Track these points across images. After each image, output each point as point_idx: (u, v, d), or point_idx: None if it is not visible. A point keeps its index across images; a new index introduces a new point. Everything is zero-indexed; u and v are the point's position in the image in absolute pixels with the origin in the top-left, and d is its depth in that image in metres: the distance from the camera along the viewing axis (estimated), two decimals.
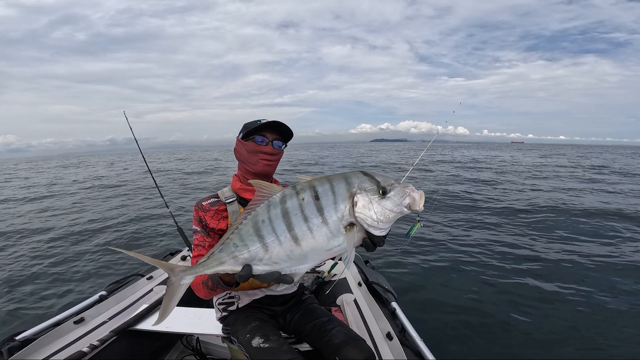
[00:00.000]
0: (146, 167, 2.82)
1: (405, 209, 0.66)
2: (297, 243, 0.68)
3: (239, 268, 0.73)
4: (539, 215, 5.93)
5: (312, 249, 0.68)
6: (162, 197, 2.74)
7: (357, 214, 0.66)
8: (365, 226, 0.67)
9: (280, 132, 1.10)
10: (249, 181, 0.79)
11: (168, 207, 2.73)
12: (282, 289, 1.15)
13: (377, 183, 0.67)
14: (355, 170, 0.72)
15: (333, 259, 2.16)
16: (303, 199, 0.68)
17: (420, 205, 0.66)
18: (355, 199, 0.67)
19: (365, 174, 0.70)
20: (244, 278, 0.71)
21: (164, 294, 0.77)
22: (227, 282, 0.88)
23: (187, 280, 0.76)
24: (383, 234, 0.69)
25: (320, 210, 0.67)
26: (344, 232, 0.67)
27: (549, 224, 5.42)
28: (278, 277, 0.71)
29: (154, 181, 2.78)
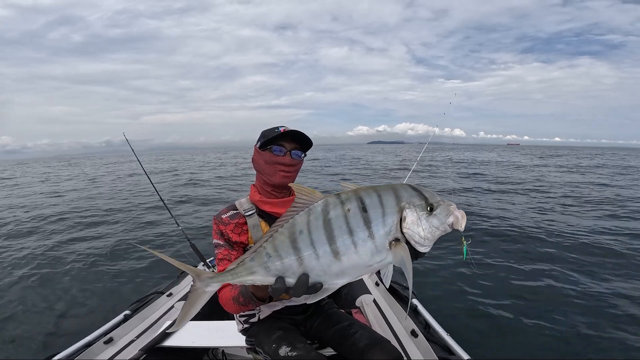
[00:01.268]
0: (148, 178, 2.81)
1: (448, 228, 0.64)
2: (337, 258, 0.64)
3: (269, 279, 0.70)
4: (556, 215, 5.87)
5: (354, 264, 0.65)
6: (171, 214, 2.73)
7: (405, 230, 0.64)
8: (413, 243, 0.64)
9: (299, 140, 1.05)
10: (290, 185, 0.75)
11: (179, 225, 2.72)
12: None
13: (425, 199, 0.65)
14: (402, 183, 0.69)
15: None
16: (349, 210, 0.64)
17: (462, 225, 0.64)
18: (404, 213, 0.64)
19: (413, 188, 0.67)
20: (278, 291, 0.68)
21: (186, 299, 0.74)
22: (260, 297, 0.86)
23: (212, 288, 0.73)
24: (426, 250, 0.66)
25: (367, 223, 0.63)
26: (389, 247, 0.64)
27: (562, 222, 5.36)
28: (306, 282, 0.67)
29: (161, 198, 2.77)
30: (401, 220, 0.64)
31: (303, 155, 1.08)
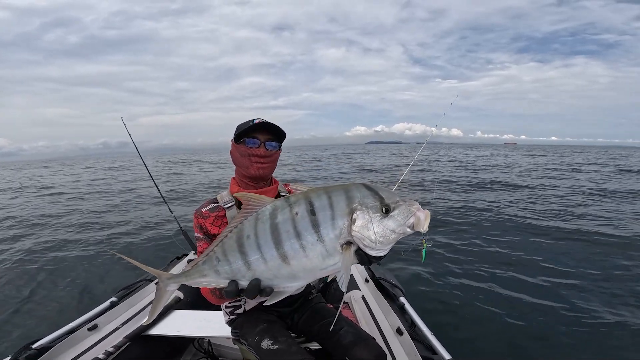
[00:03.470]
0: (147, 172, 2.83)
1: (408, 230, 0.61)
2: (285, 262, 0.63)
3: (221, 281, 0.71)
4: (543, 216, 5.90)
5: (304, 268, 0.64)
6: (166, 202, 2.76)
7: (353, 233, 0.61)
8: (362, 246, 0.61)
9: (273, 131, 1.04)
10: (234, 195, 0.76)
11: (172, 212, 2.75)
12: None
13: (381, 199, 0.61)
14: (357, 183, 0.65)
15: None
16: (297, 214, 0.62)
17: (425, 227, 0.60)
18: (354, 215, 0.60)
19: (368, 187, 0.63)
20: (230, 294, 0.69)
21: (154, 297, 0.81)
22: None
23: (171, 287, 0.78)
24: (380, 254, 0.63)
25: (315, 227, 0.61)
26: (341, 250, 0.62)
27: (552, 224, 5.38)
28: (257, 286, 0.67)
29: (157, 187, 2.80)
30: (352, 223, 0.61)
31: (278, 146, 1.07)
